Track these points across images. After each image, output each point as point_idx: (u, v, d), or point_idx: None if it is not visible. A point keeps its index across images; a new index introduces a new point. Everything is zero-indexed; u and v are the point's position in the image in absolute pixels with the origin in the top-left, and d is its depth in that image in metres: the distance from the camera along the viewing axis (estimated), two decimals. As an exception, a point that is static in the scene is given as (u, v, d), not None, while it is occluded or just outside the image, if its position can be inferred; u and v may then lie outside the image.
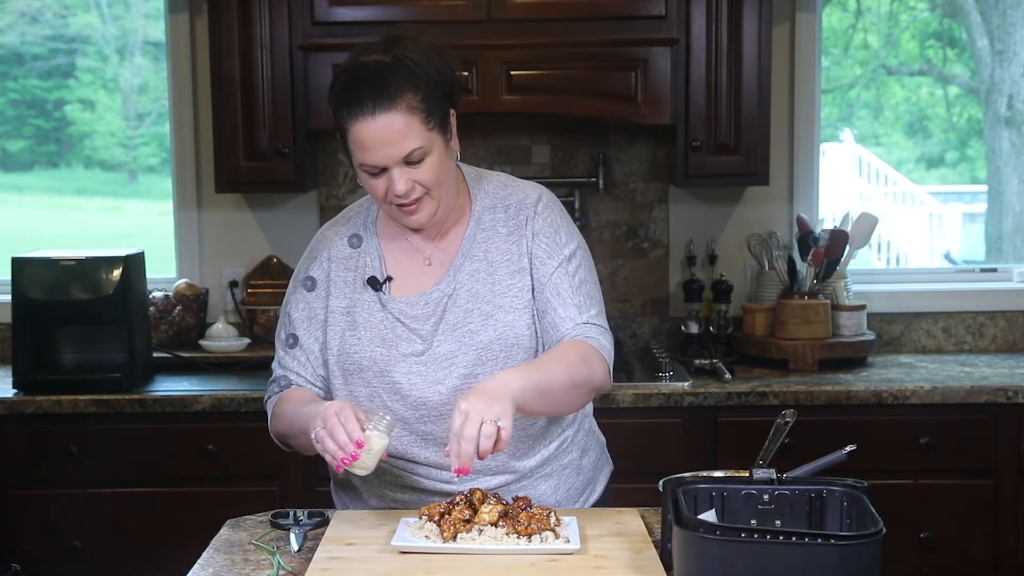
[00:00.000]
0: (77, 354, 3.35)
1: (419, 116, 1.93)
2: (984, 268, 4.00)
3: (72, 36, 4.60)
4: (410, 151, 1.93)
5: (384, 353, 2.02)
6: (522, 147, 3.77)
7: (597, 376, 2.00)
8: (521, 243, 2.06)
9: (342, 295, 2.07)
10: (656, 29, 3.36)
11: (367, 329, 2.04)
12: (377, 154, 1.92)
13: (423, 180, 1.96)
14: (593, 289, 2.09)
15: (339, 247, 2.11)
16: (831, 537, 1.49)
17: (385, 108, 1.91)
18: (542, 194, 2.13)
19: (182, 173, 3.79)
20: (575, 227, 2.15)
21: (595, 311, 2.07)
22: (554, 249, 2.06)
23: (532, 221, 2.07)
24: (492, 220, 2.09)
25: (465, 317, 2.02)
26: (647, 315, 3.80)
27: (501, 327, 2.01)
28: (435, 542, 1.81)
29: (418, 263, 2.09)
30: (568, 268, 2.06)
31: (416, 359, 2.02)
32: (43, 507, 3.23)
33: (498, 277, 2.05)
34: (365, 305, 2.06)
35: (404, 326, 2.03)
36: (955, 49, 5.37)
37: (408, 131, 1.92)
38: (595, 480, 2.20)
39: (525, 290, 2.04)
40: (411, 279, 2.07)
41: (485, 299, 2.03)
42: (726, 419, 3.20)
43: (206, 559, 1.87)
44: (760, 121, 3.41)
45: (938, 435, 3.22)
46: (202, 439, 3.20)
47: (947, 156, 6.23)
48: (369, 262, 2.09)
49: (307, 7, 3.36)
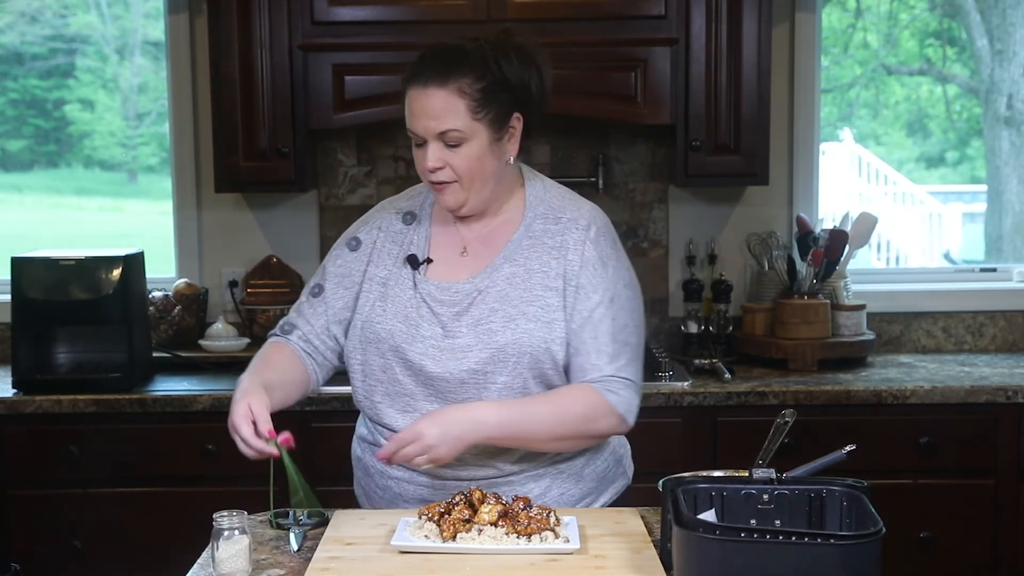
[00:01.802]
0: (77, 354, 3.35)
1: (468, 102, 1.99)
2: (984, 268, 4.00)
3: (72, 36, 4.61)
4: (447, 129, 1.99)
5: (404, 330, 2.06)
6: (522, 147, 3.75)
7: (599, 430, 2.05)
8: (562, 261, 2.07)
9: (383, 265, 2.12)
10: (656, 29, 3.36)
11: (394, 304, 2.08)
12: (418, 123, 2.00)
13: (455, 165, 2.01)
14: (632, 334, 2.09)
15: (392, 220, 2.16)
16: (831, 537, 1.50)
17: (438, 83, 1.98)
18: (596, 219, 2.15)
19: (182, 173, 3.79)
20: (625, 258, 2.16)
21: (625, 359, 2.06)
22: (599, 284, 2.07)
23: (582, 246, 2.09)
24: (542, 230, 2.11)
25: (489, 315, 2.04)
26: (647, 315, 3.79)
27: (520, 333, 2.03)
28: (435, 542, 1.81)
29: (456, 251, 2.12)
30: (611, 309, 2.06)
31: (433, 343, 2.04)
32: (43, 507, 3.23)
33: (531, 285, 2.06)
34: (399, 280, 2.10)
35: (429, 308, 2.06)
36: (955, 48, 5.38)
37: (451, 111, 1.98)
38: (599, 491, 2.17)
39: (554, 308, 2.05)
40: (448, 265, 2.11)
41: (513, 303, 2.05)
42: (726, 419, 3.20)
43: (206, 559, 1.88)
44: (760, 121, 3.41)
45: (938, 435, 3.22)
46: (202, 439, 3.20)
47: (947, 156, 6.24)
48: (416, 240, 2.13)
49: (307, 7, 3.36)
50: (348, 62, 3.38)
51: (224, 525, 1.74)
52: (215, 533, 1.75)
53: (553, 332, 2.04)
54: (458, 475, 2.05)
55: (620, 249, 2.16)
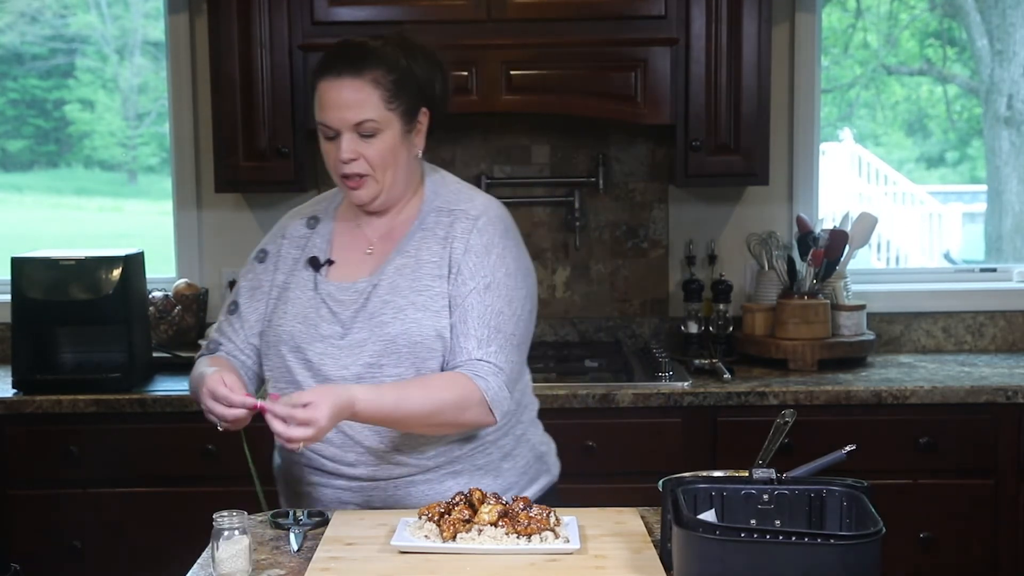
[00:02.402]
0: (77, 354, 3.35)
1: (382, 92, 2.03)
2: (984, 268, 4.00)
3: (72, 36, 4.61)
4: (363, 120, 2.03)
5: (303, 331, 2.08)
6: (522, 147, 3.77)
7: (467, 419, 2.02)
8: (447, 249, 2.09)
9: (285, 271, 2.16)
10: (656, 29, 3.36)
11: (294, 305, 2.11)
12: (332, 114, 2.04)
13: (369, 156, 2.04)
14: (508, 321, 2.06)
15: (296, 226, 2.20)
16: (831, 537, 1.50)
17: (352, 74, 2.03)
18: (488, 209, 2.13)
19: (182, 173, 3.79)
20: (518, 250, 2.14)
21: (496, 346, 2.04)
22: (478, 271, 2.07)
23: (468, 235, 2.09)
24: (435, 222, 2.12)
25: (381, 308, 2.06)
26: (647, 315, 3.80)
27: (408, 323, 2.04)
28: (435, 542, 1.81)
29: (361, 250, 2.15)
30: (484, 296, 2.05)
31: (332, 342, 2.07)
32: (43, 507, 3.23)
33: (420, 275, 2.08)
34: (300, 283, 2.13)
35: (328, 308, 2.09)
36: (955, 49, 5.38)
37: (366, 101, 2.02)
38: (521, 486, 2.18)
39: (441, 296, 2.06)
40: (351, 265, 2.13)
41: (403, 293, 2.07)
42: (726, 419, 3.20)
43: (206, 559, 1.88)
44: (760, 121, 3.41)
45: (938, 435, 3.22)
46: (202, 439, 3.19)
47: (947, 156, 6.24)
48: (318, 243, 2.16)
49: (307, 7, 3.36)
50: (348, 62, 3.37)
51: (224, 525, 1.75)
52: (215, 533, 1.75)
53: (442, 320, 2.05)
54: (374, 475, 2.07)
55: (511, 238, 2.14)
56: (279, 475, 2.25)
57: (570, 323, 3.80)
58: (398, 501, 2.09)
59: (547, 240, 3.78)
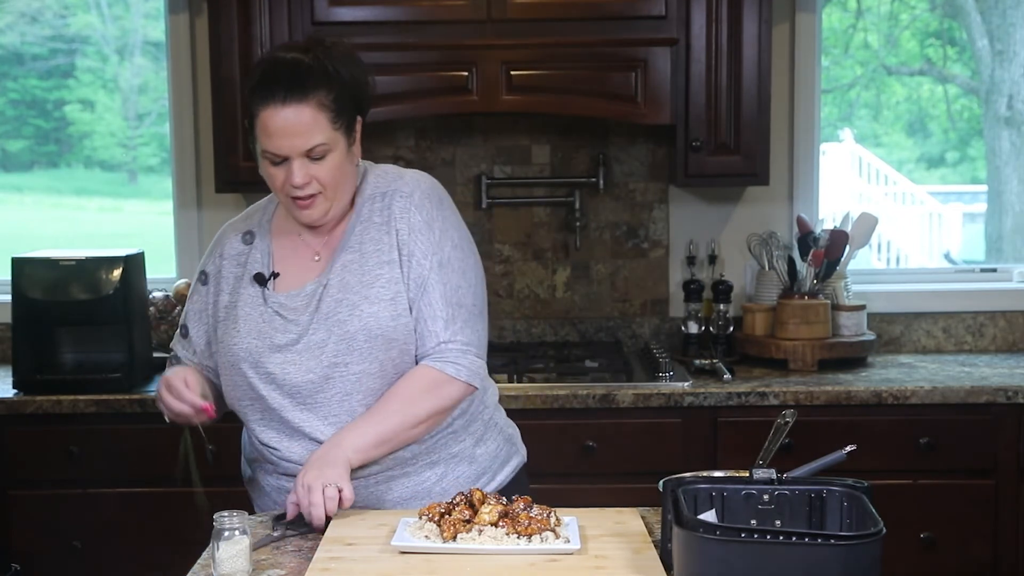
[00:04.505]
0: (77, 354, 3.35)
1: (327, 114, 2.00)
2: (984, 268, 4.00)
3: (72, 36, 4.60)
4: (313, 145, 1.99)
5: (259, 344, 2.07)
6: (522, 147, 3.77)
7: (447, 399, 2.06)
8: (391, 234, 2.08)
9: (228, 291, 2.14)
10: (656, 29, 3.36)
11: (246, 323, 2.09)
12: (282, 143, 1.99)
13: (321, 177, 2.02)
14: (467, 294, 2.10)
15: (233, 243, 2.17)
16: (831, 537, 1.49)
17: (296, 100, 1.97)
18: (419, 184, 2.13)
19: (182, 173, 3.79)
20: (456, 217, 2.15)
21: (461, 322, 2.08)
22: (428, 250, 2.07)
23: (407, 214, 2.09)
24: (370, 210, 2.11)
25: (336, 307, 2.05)
26: (647, 315, 3.80)
27: (366, 318, 2.04)
28: (435, 542, 1.81)
29: (307, 258, 2.13)
30: (440, 274, 2.07)
31: (289, 349, 2.06)
32: (43, 507, 3.23)
33: (368, 267, 2.07)
34: (248, 300, 2.11)
35: (282, 318, 2.08)
36: (955, 49, 5.38)
37: (315, 126, 1.98)
38: (495, 470, 2.20)
39: (394, 282, 2.06)
40: (297, 274, 2.12)
41: (354, 289, 2.06)
42: (726, 419, 3.20)
43: (206, 559, 1.88)
44: (760, 121, 3.41)
45: (938, 435, 3.22)
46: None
47: (947, 156, 6.23)
48: (259, 258, 2.14)
49: (307, 7, 3.35)
50: (348, 62, 3.37)
51: (224, 525, 1.75)
52: (215, 533, 1.75)
53: (399, 307, 2.05)
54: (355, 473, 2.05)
55: (447, 208, 2.15)
56: (251, 485, 2.26)
57: (570, 323, 3.80)
58: (380, 496, 2.10)
59: (547, 240, 3.78)
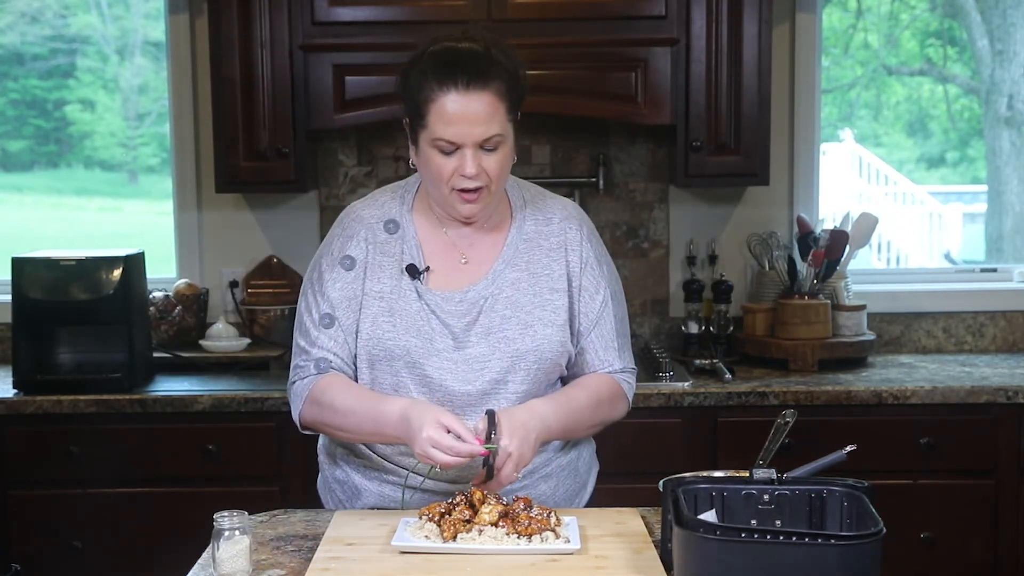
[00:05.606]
0: (77, 354, 3.35)
1: (505, 104, 1.95)
2: (984, 268, 4.00)
3: (72, 36, 4.61)
4: (491, 135, 1.93)
5: (419, 344, 2.01)
6: (522, 147, 3.74)
7: (616, 416, 2.13)
8: (562, 263, 2.08)
9: (379, 279, 2.05)
10: (656, 29, 3.36)
11: (403, 318, 2.02)
12: (459, 130, 1.91)
13: (490, 169, 1.96)
14: (626, 324, 2.18)
15: (376, 231, 2.08)
16: (831, 537, 1.49)
17: (479, 87, 1.91)
18: (582, 216, 2.16)
19: (182, 173, 3.79)
20: (603, 245, 2.18)
21: (628, 351, 2.16)
22: (600, 283, 2.10)
23: (580, 247, 2.10)
24: (535, 231, 2.09)
25: (502, 323, 2.03)
26: (647, 315, 3.80)
27: (539, 339, 2.03)
28: (435, 542, 1.81)
29: (454, 259, 2.08)
30: (611, 307, 2.11)
31: (447, 356, 2.01)
32: (43, 507, 3.23)
33: (539, 290, 2.06)
34: (403, 292, 2.03)
35: (438, 319, 2.03)
36: (955, 49, 5.38)
37: (494, 115, 1.93)
38: (587, 481, 2.23)
39: (563, 309, 2.07)
40: (447, 273, 2.06)
41: (525, 309, 2.04)
42: (726, 419, 3.20)
43: (206, 559, 1.88)
44: (760, 121, 3.41)
45: (938, 435, 3.22)
46: (202, 439, 3.20)
47: (947, 156, 6.23)
48: (407, 249, 2.06)
49: (307, 7, 3.35)
50: (348, 62, 3.38)
51: (224, 525, 1.74)
52: (215, 533, 1.75)
53: (566, 334, 2.07)
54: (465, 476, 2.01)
55: (601, 240, 2.19)
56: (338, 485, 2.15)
57: (570, 323, 3.79)
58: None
59: (547, 240, 3.78)
